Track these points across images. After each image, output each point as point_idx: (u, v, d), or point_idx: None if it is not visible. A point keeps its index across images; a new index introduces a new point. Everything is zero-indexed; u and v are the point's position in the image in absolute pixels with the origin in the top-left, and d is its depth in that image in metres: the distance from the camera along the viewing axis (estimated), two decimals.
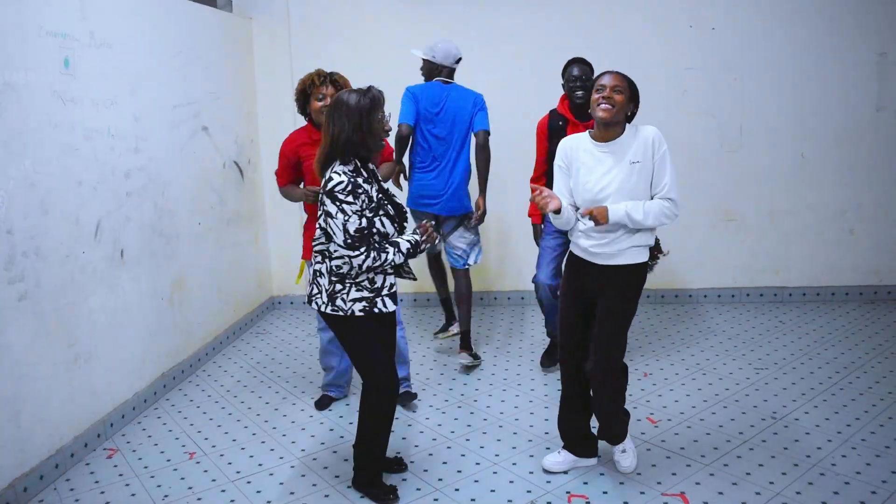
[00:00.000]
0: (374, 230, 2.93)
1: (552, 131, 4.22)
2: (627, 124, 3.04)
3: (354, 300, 2.97)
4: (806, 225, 5.79)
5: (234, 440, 3.78)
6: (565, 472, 3.31)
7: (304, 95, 3.83)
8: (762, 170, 5.74)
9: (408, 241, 2.98)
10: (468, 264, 4.63)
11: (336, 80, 3.80)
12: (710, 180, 5.77)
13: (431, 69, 4.47)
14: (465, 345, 4.64)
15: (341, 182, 2.85)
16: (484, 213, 4.52)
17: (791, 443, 3.52)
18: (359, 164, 2.95)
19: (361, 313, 2.98)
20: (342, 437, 3.73)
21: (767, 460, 3.36)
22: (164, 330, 4.38)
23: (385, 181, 3.88)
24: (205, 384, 4.56)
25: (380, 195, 2.99)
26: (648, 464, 3.37)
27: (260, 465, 3.52)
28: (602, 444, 3.42)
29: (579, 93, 4.10)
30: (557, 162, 3.15)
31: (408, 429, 3.84)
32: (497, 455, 3.52)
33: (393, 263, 2.95)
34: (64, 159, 3.46)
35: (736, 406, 3.96)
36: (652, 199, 3.02)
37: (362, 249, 2.86)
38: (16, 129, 3.15)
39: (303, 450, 3.64)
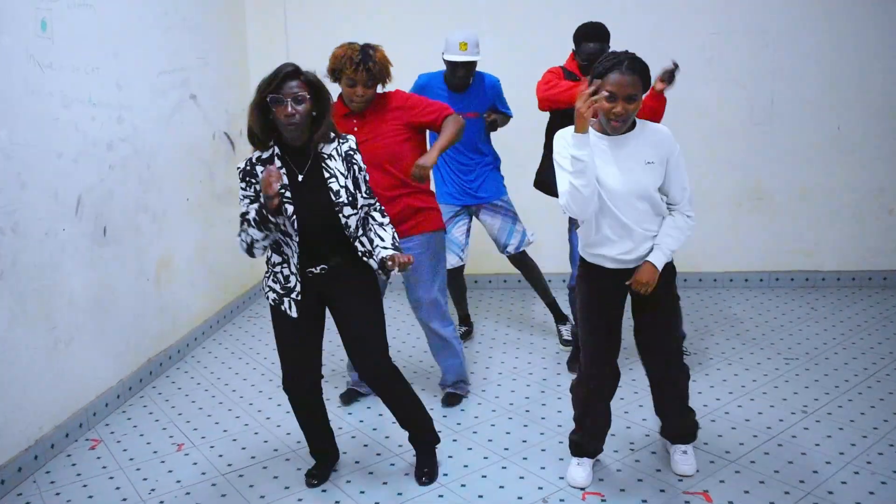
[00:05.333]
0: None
1: (570, 80, 4.09)
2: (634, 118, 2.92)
3: (269, 288, 3.07)
4: (841, 204, 5.76)
5: (224, 431, 3.80)
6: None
7: (336, 75, 3.60)
8: (794, 144, 5.70)
9: (255, 209, 2.94)
10: (508, 251, 4.64)
11: (370, 69, 3.48)
12: (738, 155, 5.74)
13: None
14: (558, 317, 4.87)
15: (238, 167, 3.02)
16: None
17: (823, 439, 3.51)
18: (277, 151, 2.97)
19: (272, 304, 3.06)
20: (340, 427, 3.74)
21: (798, 457, 3.36)
22: (149, 313, 4.38)
23: (452, 140, 3.67)
24: (193, 371, 4.57)
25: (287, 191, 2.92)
26: (668, 460, 3.37)
27: (253, 457, 3.53)
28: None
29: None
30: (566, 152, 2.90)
31: None
32: (506, 449, 3.53)
33: (254, 238, 2.94)
34: (42, 129, 3.45)
35: (763, 399, 3.95)
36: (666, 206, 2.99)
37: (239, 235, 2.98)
38: None
39: (298, 441, 3.64)
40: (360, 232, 3.01)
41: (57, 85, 3.54)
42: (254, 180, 2.96)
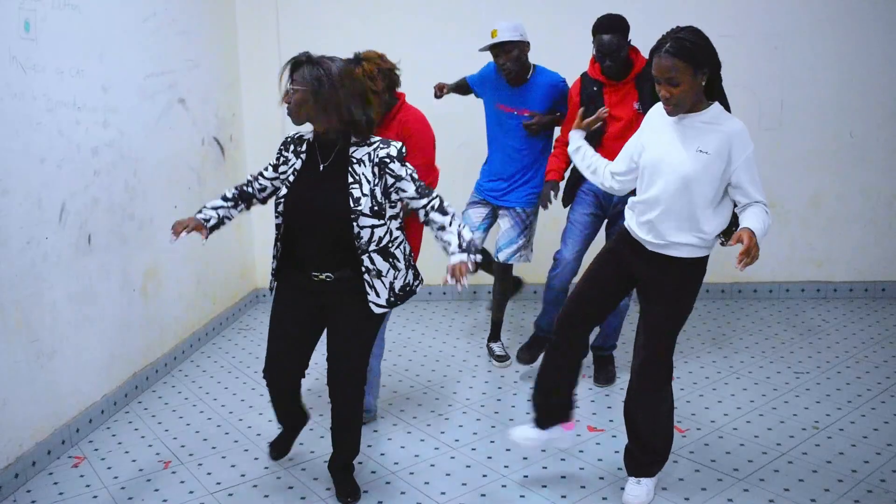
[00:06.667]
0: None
1: (586, 98, 4.16)
2: (714, 103, 2.92)
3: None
4: (854, 212, 5.78)
5: (213, 447, 3.79)
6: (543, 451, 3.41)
7: None
8: (805, 150, 5.72)
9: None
10: (497, 257, 4.60)
11: None
12: None
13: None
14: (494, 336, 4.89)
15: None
16: None
17: (835, 456, 3.52)
18: (311, 139, 3.08)
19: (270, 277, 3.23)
20: None
21: (808, 475, 3.36)
22: (135, 325, 4.38)
23: None
24: (181, 385, 4.57)
25: (294, 176, 3.05)
26: (676, 477, 3.37)
27: (242, 475, 3.52)
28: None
29: (607, 62, 4.03)
30: (640, 128, 3.13)
31: (407, 436, 3.84)
32: (506, 466, 3.53)
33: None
34: (25, 134, 3.45)
35: (773, 414, 3.96)
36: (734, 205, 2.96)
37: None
38: None
39: (290, 459, 3.64)
40: (374, 246, 2.99)
41: (40, 88, 3.55)
42: (282, 155, 3.14)
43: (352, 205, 2.93)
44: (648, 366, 3.09)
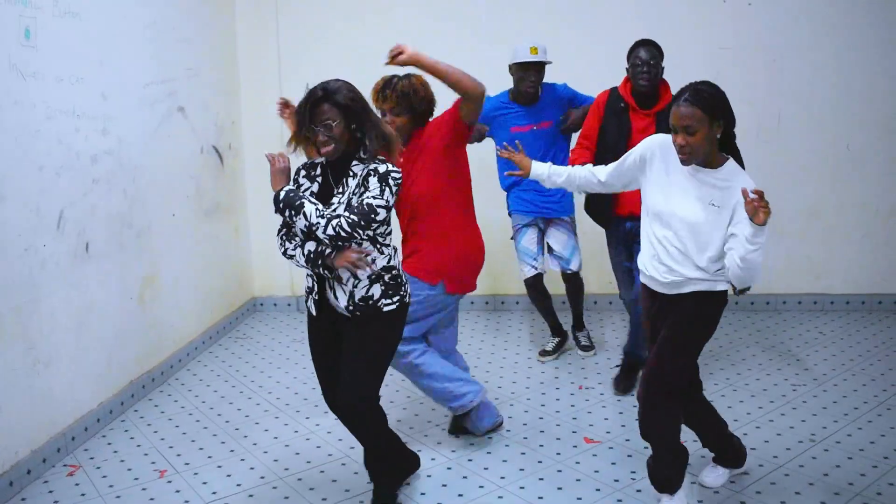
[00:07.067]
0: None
1: (610, 112, 4.18)
2: (730, 159, 2.97)
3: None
4: (851, 224, 5.78)
5: (209, 457, 3.79)
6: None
7: None
8: (802, 162, 5.72)
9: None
10: (570, 269, 4.78)
11: (388, 97, 3.60)
12: None
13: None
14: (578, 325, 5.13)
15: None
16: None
17: (832, 468, 3.52)
18: (324, 163, 3.05)
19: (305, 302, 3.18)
20: (330, 454, 3.73)
21: (805, 488, 3.36)
22: (132, 333, 4.38)
23: None
24: (178, 394, 4.56)
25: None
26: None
27: (238, 485, 3.52)
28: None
29: (643, 82, 4.05)
30: (638, 151, 3.14)
31: None
32: (503, 478, 3.52)
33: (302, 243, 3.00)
34: (23, 141, 3.46)
35: (770, 426, 3.96)
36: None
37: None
38: None
39: (286, 469, 3.64)
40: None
41: (40, 95, 3.55)
42: (297, 182, 3.08)
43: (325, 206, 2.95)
44: (651, 372, 3.12)
